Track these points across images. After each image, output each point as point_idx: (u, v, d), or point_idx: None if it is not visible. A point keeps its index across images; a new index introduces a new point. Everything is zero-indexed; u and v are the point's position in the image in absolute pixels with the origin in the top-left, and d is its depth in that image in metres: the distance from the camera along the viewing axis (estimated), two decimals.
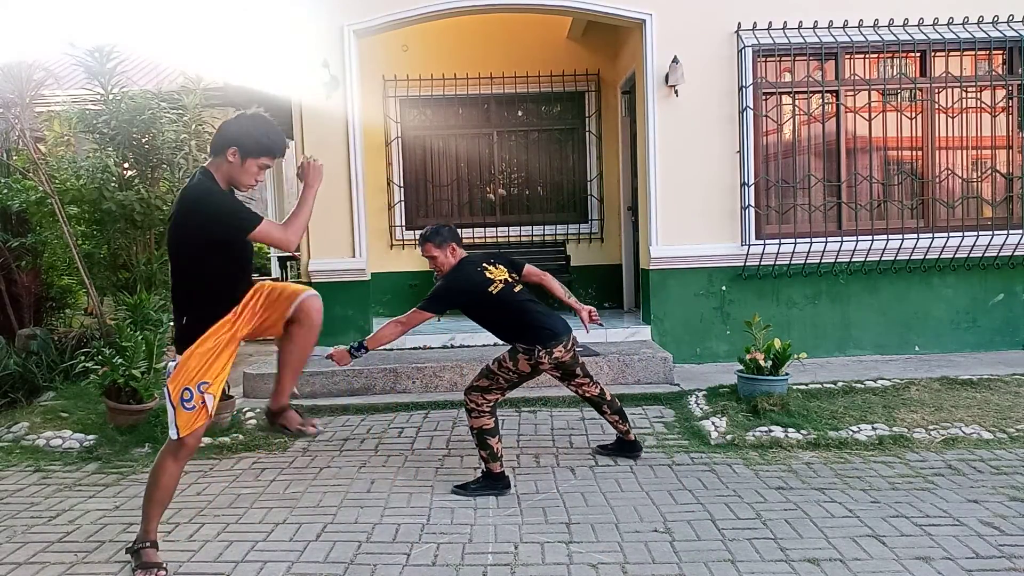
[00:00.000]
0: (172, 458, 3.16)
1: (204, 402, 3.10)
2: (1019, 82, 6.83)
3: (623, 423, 4.53)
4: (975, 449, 4.54)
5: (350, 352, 4.08)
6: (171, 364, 3.19)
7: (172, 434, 3.12)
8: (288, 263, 13.23)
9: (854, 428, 4.84)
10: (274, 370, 3.41)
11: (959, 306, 6.92)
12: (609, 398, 4.50)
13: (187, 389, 3.09)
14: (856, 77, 6.82)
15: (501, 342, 4.34)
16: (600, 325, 4.56)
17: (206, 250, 3.07)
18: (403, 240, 8.56)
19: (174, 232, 3.14)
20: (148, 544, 3.18)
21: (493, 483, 4.07)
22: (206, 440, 5.07)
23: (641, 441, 4.65)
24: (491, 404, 4.16)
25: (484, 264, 4.28)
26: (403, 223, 8.64)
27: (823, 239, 6.74)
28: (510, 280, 4.23)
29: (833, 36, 6.68)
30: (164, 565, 3.16)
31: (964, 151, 6.95)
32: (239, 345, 3.29)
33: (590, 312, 4.36)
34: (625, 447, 4.58)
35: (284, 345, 3.32)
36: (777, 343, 5.22)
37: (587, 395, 4.47)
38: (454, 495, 4.03)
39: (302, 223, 3.15)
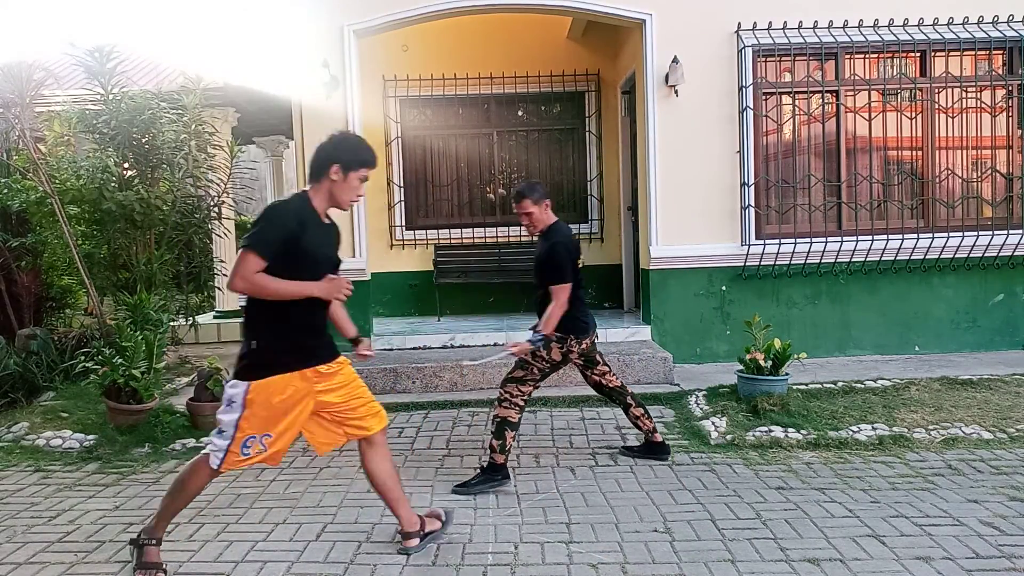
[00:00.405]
0: (207, 473, 3.10)
1: (261, 451, 3.06)
2: (1019, 82, 6.83)
3: (649, 419, 4.49)
4: (975, 449, 4.54)
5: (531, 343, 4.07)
6: (230, 389, 3.02)
7: (213, 463, 3.04)
8: None
9: (854, 428, 4.84)
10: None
11: (959, 306, 6.92)
12: (631, 391, 4.50)
13: (252, 438, 3.01)
14: (856, 77, 6.82)
15: (501, 342, 4.35)
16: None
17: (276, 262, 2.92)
18: (403, 240, 8.56)
19: None
20: (153, 541, 3.16)
21: (493, 475, 4.07)
22: (206, 440, 5.07)
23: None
24: (525, 397, 4.18)
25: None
26: (403, 223, 8.64)
27: (823, 239, 6.74)
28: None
29: (833, 36, 6.68)
30: (164, 566, 3.15)
31: (964, 151, 6.95)
32: (312, 405, 3.13)
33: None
34: (654, 448, 4.53)
35: (373, 469, 3.30)
36: (777, 343, 5.22)
37: (610, 385, 4.45)
38: (455, 495, 4.03)
39: (260, 288, 2.89)
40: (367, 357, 3.39)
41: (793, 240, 6.72)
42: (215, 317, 10.15)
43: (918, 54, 6.88)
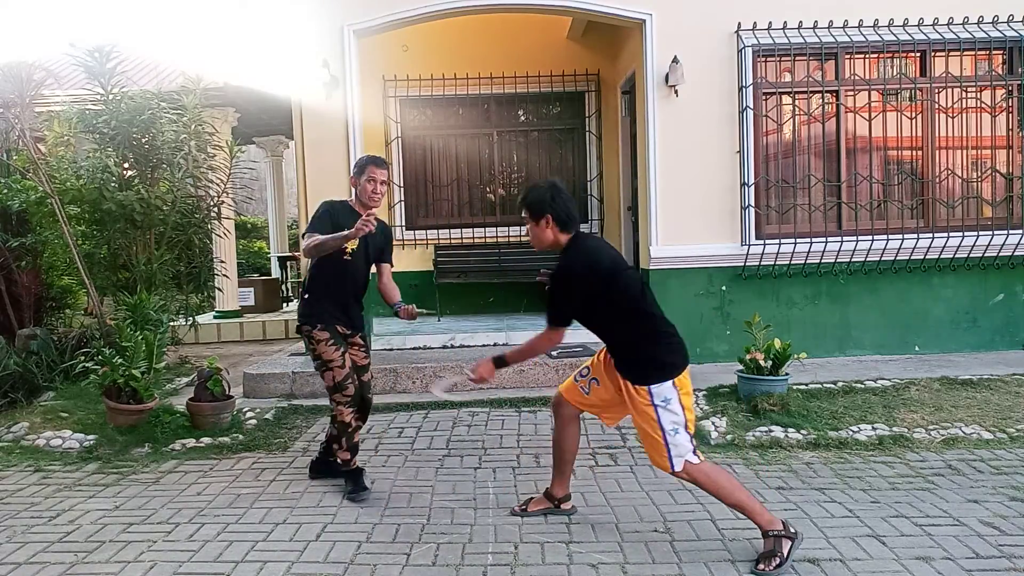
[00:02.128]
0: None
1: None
2: (1019, 82, 6.83)
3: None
4: (975, 449, 4.54)
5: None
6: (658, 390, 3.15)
7: (678, 466, 3.16)
8: (288, 263, 13.25)
9: (854, 428, 4.84)
10: (272, 370, 3.44)
11: (959, 306, 6.92)
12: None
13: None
14: (856, 77, 6.82)
15: (501, 342, 4.36)
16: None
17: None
18: (403, 240, 8.56)
19: None
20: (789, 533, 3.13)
21: None
22: (206, 440, 5.09)
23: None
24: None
25: None
26: (403, 223, 8.64)
27: (823, 239, 6.74)
28: None
29: (833, 36, 6.68)
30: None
31: (964, 151, 6.95)
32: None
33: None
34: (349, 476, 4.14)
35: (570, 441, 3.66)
36: (777, 343, 5.22)
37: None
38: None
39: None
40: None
41: (793, 240, 6.72)
42: (215, 317, 10.16)
43: (918, 54, 6.88)
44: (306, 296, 4.09)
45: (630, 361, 3.26)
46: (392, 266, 4.31)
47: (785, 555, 3.07)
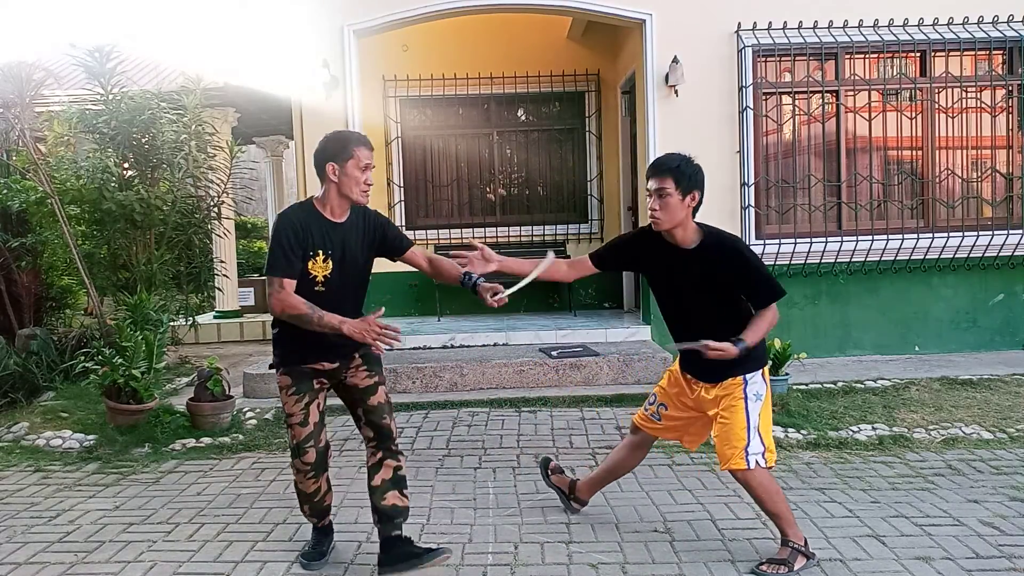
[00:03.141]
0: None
1: None
2: (1019, 82, 6.83)
3: None
4: (975, 449, 4.54)
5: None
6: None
7: (751, 464, 3.05)
8: None
9: (854, 428, 4.84)
10: (272, 370, 3.36)
11: (959, 306, 6.92)
12: None
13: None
14: (856, 77, 6.82)
15: (501, 342, 4.33)
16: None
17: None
18: None
19: None
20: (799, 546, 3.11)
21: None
22: (206, 440, 5.09)
23: None
24: None
25: None
26: (403, 223, 8.63)
27: (823, 239, 6.74)
28: None
29: (833, 36, 6.68)
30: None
31: (964, 151, 6.95)
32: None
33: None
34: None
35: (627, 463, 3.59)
36: (777, 343, 5.22)
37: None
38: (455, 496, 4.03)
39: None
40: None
41: (793, 240, 6.72)
42: (215, 317, 10.15)
43: (918, 54, 6.88)
44: (275, 330, 3.18)
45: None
46: (411, 247, 3.35)
47: (795, 569, 3.04)
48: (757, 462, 3.04)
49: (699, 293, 3.15)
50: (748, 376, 3.07)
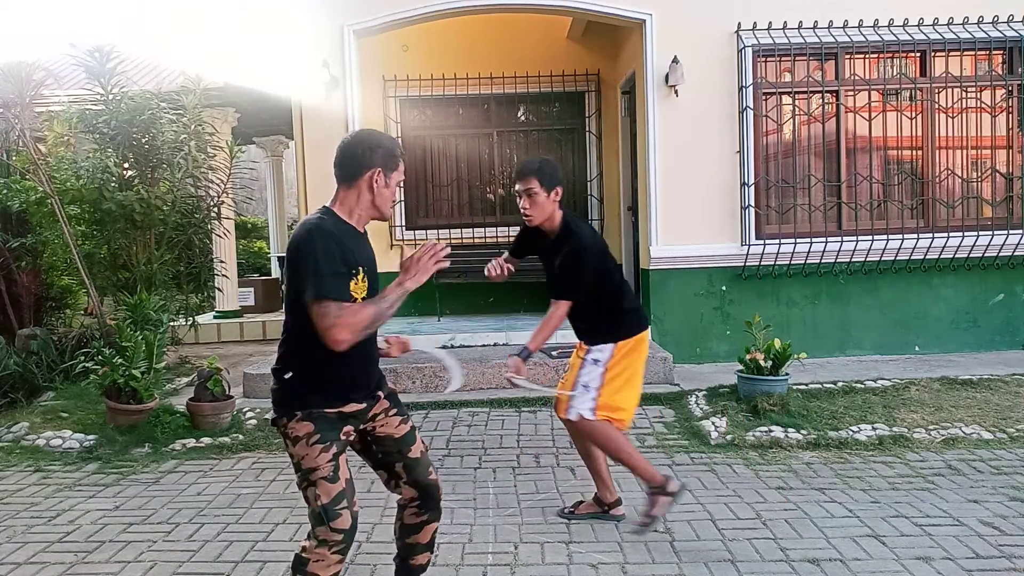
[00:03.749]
0: None
1: None
2: (1019, 82, 6.83)
3: None
4: (975, 449, 4.54)
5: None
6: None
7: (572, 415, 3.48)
8: None
9: (854, 428, 4.84)
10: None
11: (959, 306, 6.92)
12: None
13: None
14: (856, 77, 6.82)
15: (501, 342, 4.35)
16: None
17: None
18: (403, 240, 8.56)
19: None
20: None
21: None
22: (206, 440, 5.08)
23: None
24: None
25: None
26: (403, 223, 8.64)
27: (823, 239, 6.74)
28: None
29: (833, 36, 6.68)
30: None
31: (964, 151, 6.95)
32: None
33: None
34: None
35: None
36: (777, 343, 5.22)
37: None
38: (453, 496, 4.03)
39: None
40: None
41: (793, 240, 6.72)
42: (215, 317, 10.15)
43: (918, 54, 6.88)
44: (285, 376, 2.49)
45: (592, 331, 3.56)
46: None
47: (660, 513, 3.40)
48: (581, 415, 3.41)
49: (558, 277, 3.50)
50: (593, 346, 3.50)
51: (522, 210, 3.53)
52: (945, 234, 6.78)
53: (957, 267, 6.85)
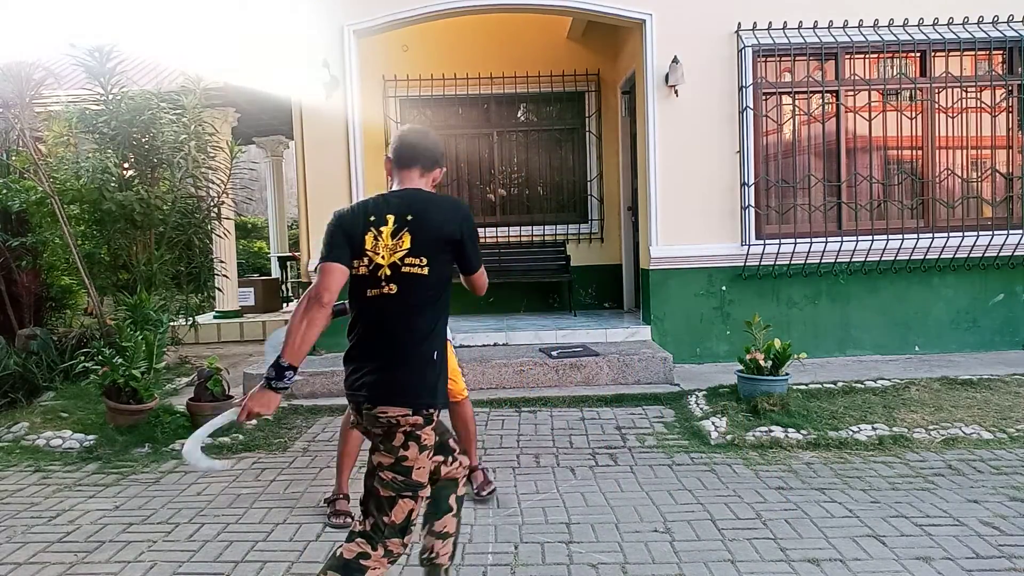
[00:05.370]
0: None
1: None
2: (1019, 82, 6.83)
3: None
4: (975, 449, 4.54)
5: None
6: None
7: None
8: (288, 263, 13.25)
9: (854, 428, 4.84)
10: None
11: (959, 306, 6.92)
12: None
13: None
14: (856, 77, 6.82)
15: (501, 342, 4.33)
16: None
17: None
18: None
19: None
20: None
21: None
22: (206, 440, 5.07)
23: (640, 442, 4.55)
24: None
25: None
26: None
27: (823, 239, 6.74)
28: None
29: (833, 36, 6.68)
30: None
31: (964, 151, 6.95)
32: None
33: None
34: None
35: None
36: (777, 343, 5.22)
37: None
38: None
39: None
40: None
41: (793, 240, 6.72)
42: (215, 317, 10.15)
43: (918, 54, 6.88)
44: (435, 356, 2.46)
45: None
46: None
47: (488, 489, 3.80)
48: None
49: None
50: None
51: None
52: (945, 234, 6.78)
53: (957, 267, 6.85)
